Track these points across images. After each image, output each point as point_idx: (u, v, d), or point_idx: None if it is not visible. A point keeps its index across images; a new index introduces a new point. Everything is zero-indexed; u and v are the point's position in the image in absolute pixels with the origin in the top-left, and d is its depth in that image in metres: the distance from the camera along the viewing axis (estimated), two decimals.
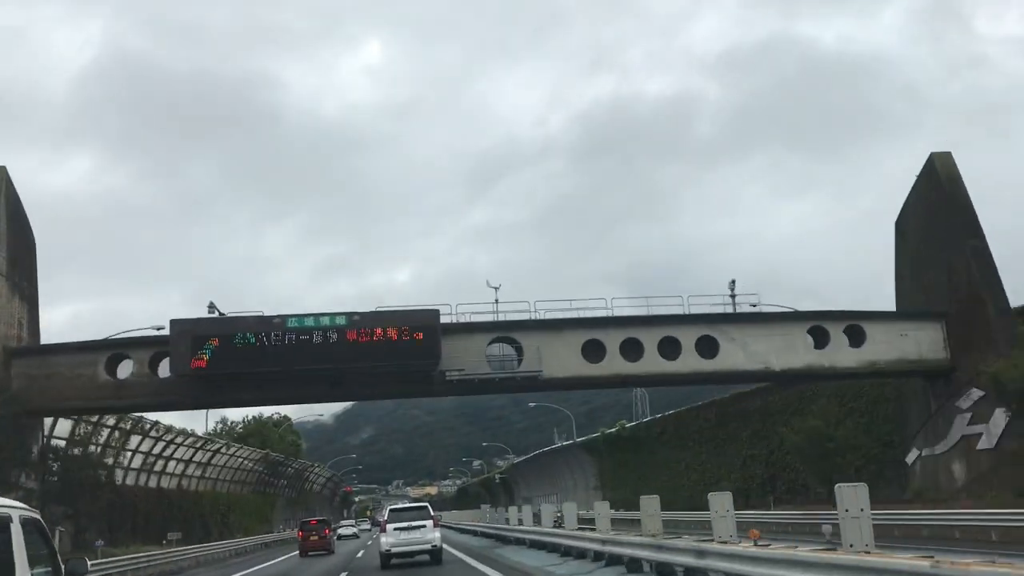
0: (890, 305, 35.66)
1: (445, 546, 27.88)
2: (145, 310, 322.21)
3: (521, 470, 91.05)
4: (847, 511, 10.89)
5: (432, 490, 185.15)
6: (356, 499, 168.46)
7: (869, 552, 9.66)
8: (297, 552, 38.70)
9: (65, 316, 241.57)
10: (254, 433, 68.40)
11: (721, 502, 14.72)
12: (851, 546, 10.54)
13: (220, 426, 72.63)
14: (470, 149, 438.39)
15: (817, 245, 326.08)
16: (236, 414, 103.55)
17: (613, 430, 62.10)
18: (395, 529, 24.92)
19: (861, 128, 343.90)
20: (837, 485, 11.31)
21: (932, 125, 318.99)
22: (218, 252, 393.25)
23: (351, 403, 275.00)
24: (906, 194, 34.85)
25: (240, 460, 54.96)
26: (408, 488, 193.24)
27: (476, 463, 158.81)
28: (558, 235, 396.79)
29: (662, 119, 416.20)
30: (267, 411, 77.35)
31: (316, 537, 38.24)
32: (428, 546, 24.87)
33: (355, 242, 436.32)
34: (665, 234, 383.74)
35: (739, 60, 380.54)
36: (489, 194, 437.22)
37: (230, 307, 32.47)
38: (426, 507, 26.56)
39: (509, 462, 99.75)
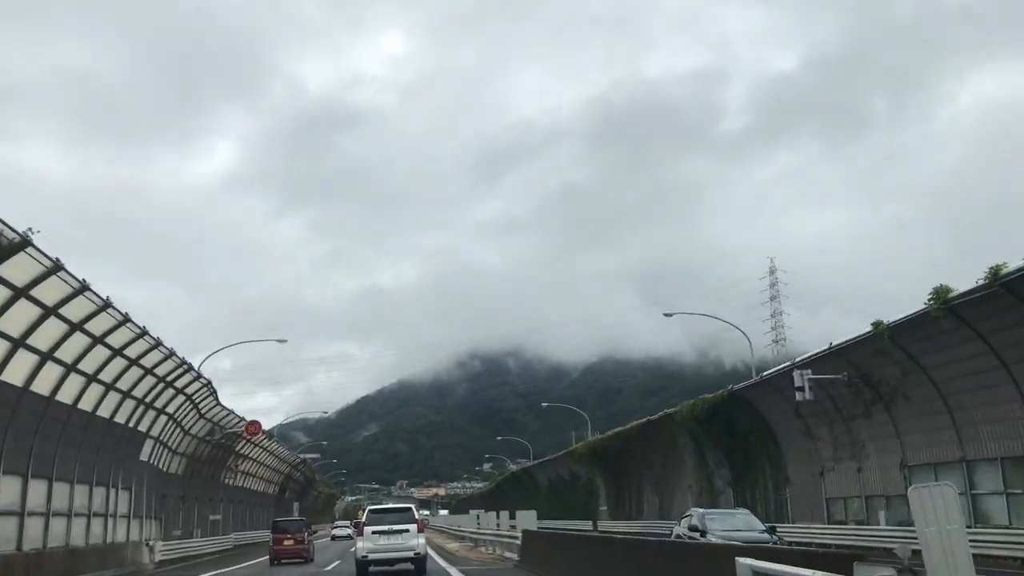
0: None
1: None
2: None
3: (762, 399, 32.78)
4: None
5: (440, 491, 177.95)
6: (349, 497, 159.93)
7: None
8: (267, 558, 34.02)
9: None
10: None
11: None
12: None
13: None
14: (481, 139, 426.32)
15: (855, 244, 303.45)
16: None
17: None
18: (374, 533, 22.77)
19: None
20: None
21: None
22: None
23: (354, 399, 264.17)
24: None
25: None
26: (412, 489, 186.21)
27: (487, 465, 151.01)
28: (569, 229, 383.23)
29: (684, 103, 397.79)
30: None
31: (291, 541, 33.76)
32: (411, 553, 22.71)
33: (358, 234, 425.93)
34: (681, 229, 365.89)
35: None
36: (498, 186, 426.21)
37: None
38: (410, 509, 24.58)
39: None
